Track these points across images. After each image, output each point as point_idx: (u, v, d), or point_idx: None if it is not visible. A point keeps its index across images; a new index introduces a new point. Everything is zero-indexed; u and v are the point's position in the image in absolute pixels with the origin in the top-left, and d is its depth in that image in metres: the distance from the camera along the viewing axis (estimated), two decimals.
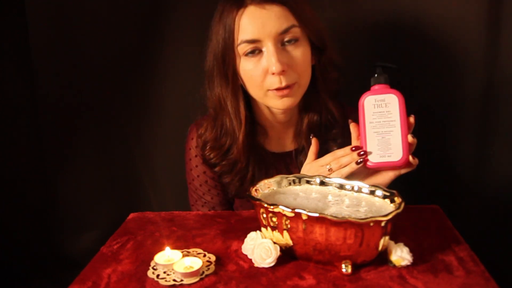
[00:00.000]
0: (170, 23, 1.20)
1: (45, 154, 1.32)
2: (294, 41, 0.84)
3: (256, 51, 0.84)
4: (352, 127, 0.82)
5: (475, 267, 0.63)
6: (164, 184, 1.32)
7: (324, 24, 0.91)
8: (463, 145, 1.14)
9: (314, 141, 0.87)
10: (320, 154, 0.93)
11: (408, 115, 0.78)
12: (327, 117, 0.95)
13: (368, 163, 0.79)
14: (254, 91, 0.88)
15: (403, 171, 0.79)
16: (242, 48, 0.84)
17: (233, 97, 0.89)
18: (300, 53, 0.85)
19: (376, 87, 0.79)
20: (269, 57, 0.83)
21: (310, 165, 0.84)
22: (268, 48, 0.83)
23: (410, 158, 0.77)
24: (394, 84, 1.11)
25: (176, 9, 1.19)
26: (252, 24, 0.82)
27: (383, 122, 0.78)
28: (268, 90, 0.86)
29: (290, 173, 0.96)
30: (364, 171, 0.80)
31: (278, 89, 0.85)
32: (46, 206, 1.35)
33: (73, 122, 1.29)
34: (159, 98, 1.26)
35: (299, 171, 0.96)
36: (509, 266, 1.10)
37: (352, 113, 0.97)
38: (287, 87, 0.84)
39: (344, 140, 0.92)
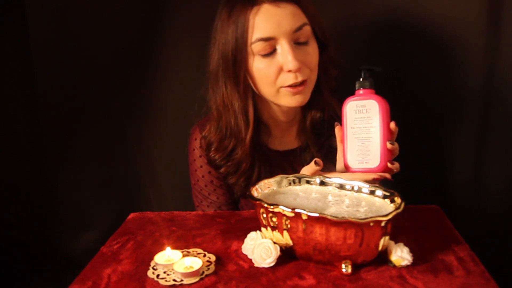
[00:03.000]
0: (171, 23, 1.20)
1: (45, 154, 1.32)
2: (306, 38, 0.86)
3: (270, 49, 0.84)
4: (337, 130, 0.82)
5: (475, 267, 0.63)
6: (164, 184, 1.32)
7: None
8: (463, 145, 1.14)
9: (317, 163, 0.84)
10: (324, 150, 0.95)
11: (394, 119, 0.77)
12: (330, 114, 0.96)
13: (349, 168, 0.79)
14: (266, 89, 0.88)
15: (385, 175, 0.79)
16: (256, 46, 0.84)
17: (243, 96, 0.89)
18: (311, 50, 0.87)
19: (360, 91, 0.79)
20: (285, 55, 0.83)
21: None
22: (283, 46, 0.83)
23: (389, 164, 0.77)
24: (393, 84, 1.12)
25: (177, 8, 1.19)
26: (267, 22, 0.82)
27: (363, 128, 0.78)
28: (281, 87, 0.86)
29: (294, 170, 0.96)
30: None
31: (292, 86, 0.85)
32: (46, 206, 1.35)
33: (73, 122, 1.29)
34: (159, 98, 1.26)
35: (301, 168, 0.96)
36: (509, 266, 1.10)
37: None
38: (301, 83, 0.85)
39: None
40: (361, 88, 0.79)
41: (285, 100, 0.88)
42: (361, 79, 0.79)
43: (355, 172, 0.78)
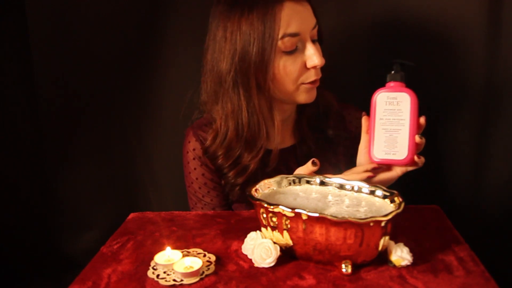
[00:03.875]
0: (171, 23, 1.20)
1: (45, 154, 1.32)
2: (317, 36, 0.87)
3: (295, 46, 0.84)
4: (364, 120, 0.83)
5: (475, 267, 0.63)
6: (164, 184, 1.32)
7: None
8: (463, 145, 1.14)
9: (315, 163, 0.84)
10: (321, 143, 0.96)
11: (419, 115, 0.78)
12: (324, 106, 0.97)
13: (373, 158, 0.79)
14: (287, 87, 0.87)
15: (410, 168, 0.80)
16: (285, 42, 0.83)
17: (268, 97, 0.87)
18: (319, 47, 0.88)
19: (391, 84, 0.79)
20: (310, 51, 0.84)
21: None
22: (307, 42, 0.85)
23: (416, 157, 0.77)
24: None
25: (177, 8, 1.19)
26: (294, 18, 0.82)
27: (392, 120, 0.79)
28: (302, 84, 0.87)
29: (289, 169, 0.96)
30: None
31: (311, 82, 0.87)
32: (46, 206, 1.35)
33: (73, 122, 1.29)
34: (160, 98, 1.26)
35: (297, 167, 0.96)
36: (509, 266, 1.10)
37: (344, 108, 0.99)
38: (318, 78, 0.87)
39: (338, 132, 0.96)
40: (392, 81, 0.79)
41: (302, 97, 0.88)
42: (392, 72, 0.79)
43: (379, 163, 0.79)
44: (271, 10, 0.81)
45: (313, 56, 0.84)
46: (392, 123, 0.78)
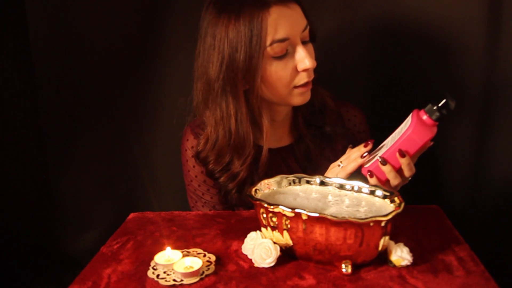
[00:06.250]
0: (171, 22, 1.20)
1: (45, 154, 1.32)
2: (309, 37, 0.87)
3: (285, 51, 0.83)
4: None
5: (475, 267, 0.63)
6: (164, 184, 1.32)
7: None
8: (463, 145, 1.14)
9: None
10: (318, 139, 0.96)
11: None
12: (319, 103, 0.97)
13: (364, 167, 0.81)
14: (279, 92, 0.86)
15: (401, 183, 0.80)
16: (273, 49, 0.82)
17: (256, 104, 0.86)
18: (312, 47, 0.87)
19: (423, 114, 0.75)
20: (301, 54, 0.83)
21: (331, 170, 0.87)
22: (298, 46, 0.84)
23: (367, 174, 0.79)
24: (394, 84, 1.11)
25: (177, 7, 1.19)
26: (282, 23, 0.81)
27: (392, 137, 0.80)
28: (295, 87, 0.86)
29: (288, 167, 0.96)
30: None
31: (304, 84, 0.86)
32: (46, 206, 1.35)
33: (73, 122, 1.29)
34: (159, 98, 1.26)
35: (296, 165, 0.96)
36: (509, 266, 1.10)
37: (342, 106, 0.99)
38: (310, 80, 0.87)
39: (335, 128, 0.96)
40: (426, 113, 0.75)
41: (296, 100, 0.88)
42: (434, 107, 0.74)
43: (364, 167, 0.80)
44: (257, 16, 0.80)
45: (303, 59, 0.83)
46: (390, 139, 0.79)
